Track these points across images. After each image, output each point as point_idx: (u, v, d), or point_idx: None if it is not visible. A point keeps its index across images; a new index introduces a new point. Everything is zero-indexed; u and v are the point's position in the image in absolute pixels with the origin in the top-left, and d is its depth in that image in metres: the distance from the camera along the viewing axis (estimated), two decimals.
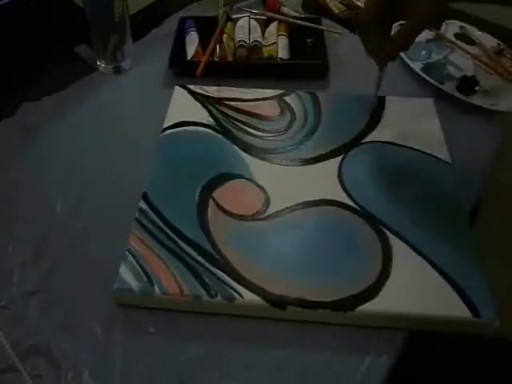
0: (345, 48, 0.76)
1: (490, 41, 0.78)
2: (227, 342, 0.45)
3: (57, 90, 0.68)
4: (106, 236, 0.51)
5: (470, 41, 0.78)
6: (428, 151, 0.58)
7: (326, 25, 0.77)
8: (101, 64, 0.72)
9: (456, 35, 0.78)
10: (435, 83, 0.68)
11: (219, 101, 0.65)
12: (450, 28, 0.80)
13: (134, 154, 0.60)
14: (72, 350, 0.44)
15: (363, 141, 0.59)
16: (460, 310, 0.44)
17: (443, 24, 0.79)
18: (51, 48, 0.74)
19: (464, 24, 0.80)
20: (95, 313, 0.46)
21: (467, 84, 0.68)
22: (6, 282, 0.49)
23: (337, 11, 0.82)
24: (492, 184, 0.60)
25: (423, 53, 0.74)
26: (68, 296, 0.48)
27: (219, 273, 0.47)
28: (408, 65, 0.72)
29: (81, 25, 0.68)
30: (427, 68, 0.71)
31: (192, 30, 0.76)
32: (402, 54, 0.72)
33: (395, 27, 0.57)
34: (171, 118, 0.62)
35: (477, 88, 0.68)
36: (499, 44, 0.77)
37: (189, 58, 0.72)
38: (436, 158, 0.57)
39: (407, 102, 0.65)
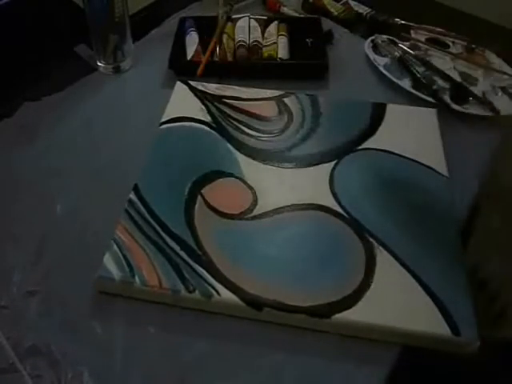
0: (344, 48, 0.76)
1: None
2: (227, 342, 0.45)
3: (57, 89, 0.68)
4: (106, 236, 0.51)
5: (443, 43, 0.76)
6: (425, 163, 0.56)
7: (326, 25, 0.77)
8: (101, 64, 0.72)
9: (428, 40, 0.76)
10: (431, 100, 0.66)
11: (218, 98, 0.65)
12: (419, 35, 0.77)
13: (134, 154, 0.60)
14: (72, 350, 0.44)
15: (359, 147, 0.59)
16: (440, 327, 0.43)
17: (412, 32, 0.77)
18: (51, 48, 0.74)
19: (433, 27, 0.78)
20: (95, 313, 0.47)
21: (459, 93, 0.66)
22: (6, 282, 0.49)
23: (336, 13, 0.82)
24: (492, 186, 0.59)
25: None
26: (68, 296, 0.48)
27: (199, 269, 0.47)
28: (398, 85, 0.68)
29: (81, 25, 0.68)
30: (416, 84, 0.68)
31: (192, 30, 0.76)
32: (388, 73, 0.69)
33: None
34: (170, 113, 0.62)
35: (470, 98, 0.66)
36: (469, 42, 0.75)
37: (189, 58, 0.72)
38: (433, 170, 0.56)
39: (409, 111, 0.63)
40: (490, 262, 0.51)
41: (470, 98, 0.66)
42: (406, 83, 0.69)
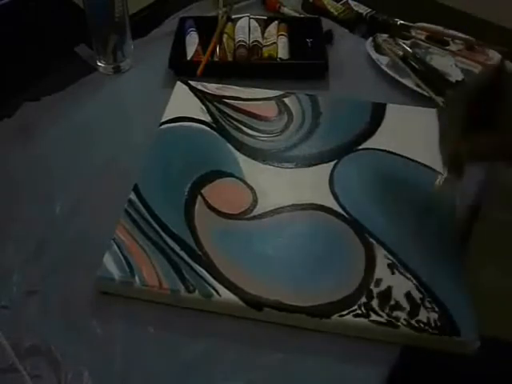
0: (345, 48, 0.76)
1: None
2: (227, 342, 0.45)
3: (57, 89, 0.68)
4: (106, 236, 0.51)
5: (443, 41, 0.75)
6: (425, 163, 0.56)
7: (326, 25, 0.77)
8: (101, 64, 0.72)
9: (427, 38, 0.76)
10: (435, 97, 0.65)
11: (218, 98, 0.65)
12: (419, 34, 0.77)
13: (134, 154, 0.60)
14: (72, 350, 0.44)
15: (359, 147, 0.58)
16: (439, 327, 0.43)
17: (412, 31, 0.77)
18: (51, 48, 0.74)
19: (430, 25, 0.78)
20: (95, 313, 0.47)
21: None
22: (6, 281, 0.49)
23: (336, 13, 0.82)
24: (493, 183, 0.59)
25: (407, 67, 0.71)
26: (68, 296, 0.48)
27: (199, 269, 0.47)
28: (400, 83, 0.68)
29: (81, 25, 0.68)
30: (420, 82, 0.68)
31: (192, 30, 0.76)
32: (391, 72, 0.70)
33: None
34: (170, 113, 0.62)
35: None
36: (468, 39, 0.75)
37: (189, 58, 0.72)
38: (433, 170, 0.55)
39: (409, 111, 0.63)
40: (490, 262, 0.51)
41: None
42: (409, 81, 0.69)
